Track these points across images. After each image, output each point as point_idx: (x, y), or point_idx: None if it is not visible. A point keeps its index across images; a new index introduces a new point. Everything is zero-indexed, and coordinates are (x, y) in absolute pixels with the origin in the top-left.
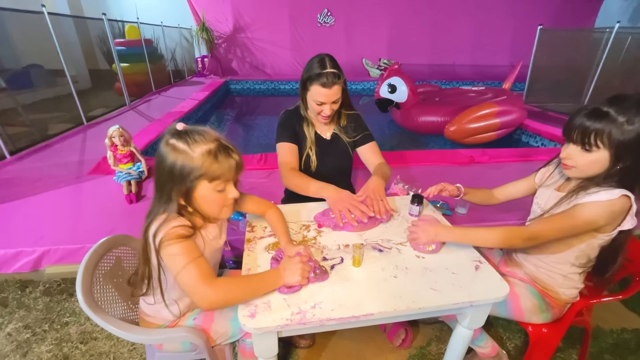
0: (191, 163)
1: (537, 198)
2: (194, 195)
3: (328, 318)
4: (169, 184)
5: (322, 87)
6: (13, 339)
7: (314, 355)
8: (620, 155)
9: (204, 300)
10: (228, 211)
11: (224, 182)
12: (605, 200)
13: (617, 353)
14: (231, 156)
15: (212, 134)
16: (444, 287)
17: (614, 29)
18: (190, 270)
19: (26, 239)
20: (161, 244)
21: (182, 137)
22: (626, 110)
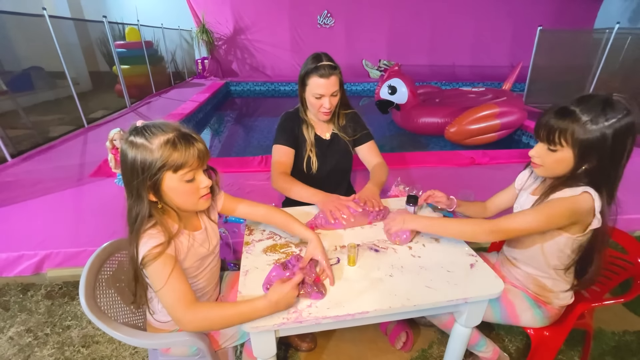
0: (151, 156)
1: (517, 202)
2: (163, 189)
3: (324, 316)
4: (134, 181)
5: (319, 77)
6: (15, 343)
7: (316, 357)
8: (584, 155)
9: (180, 324)
10: (205, 202)
11: (192, 171)
12: (568, 197)
13: (619, 355)
14: (192, 144)
15: (171, 125)
16: (439, 285)
17: (614, 30)
18: (166, 293)
19: (28, 242)
20: (143, 266)
21: (140, 132)
22: (591, 110)
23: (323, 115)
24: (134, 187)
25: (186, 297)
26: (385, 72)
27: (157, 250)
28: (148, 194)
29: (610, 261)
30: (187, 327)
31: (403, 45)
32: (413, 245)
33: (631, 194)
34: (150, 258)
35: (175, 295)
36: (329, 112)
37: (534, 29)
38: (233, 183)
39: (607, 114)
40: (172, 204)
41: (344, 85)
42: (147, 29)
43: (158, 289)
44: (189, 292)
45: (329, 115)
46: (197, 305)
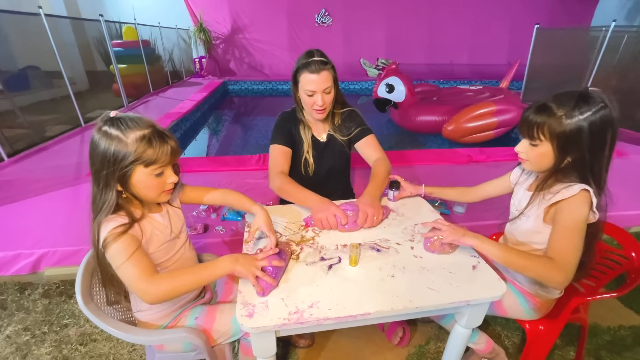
0: (125, 149)
1: (513, 198)
2: (131, 181)
3: (325, 317)
4: (104, 171)
5: (310, 73)
6: (12, 342)
7: (314, 354)
8: (563, 148)
9: (145, 296)
10: (166, 195)
11: (162, 167)
12: (569, 197)
13: (614, 350)
14: (166, 141)
15: (146, 121)
16: (441, 287)
17: (610, 28)
18: (128, 267)
19: (24, 241)
20: (105, 246)
21: (115, 123)
22: (566, 104)
23: (317, 114)
24: (102, 176)
25: (148, 270)
26: (383, 71)
27: (118, 230)
28: (115, 184)
29: (605, 256)
30: (153, 298)
31: (401, 43)
32: (415, 245)
33: (626, 191)
34: (111, 238)
35: (135, 270)
36: (322, 110)
37: (531, 27)
38: (231, 182)
39: (581, 108)
40: (137, 194)
41: (338, 82)
42: (144, 28)
43: (118, 265)
44: (150, 265)
45: (323, 113)
46: (159, 276)
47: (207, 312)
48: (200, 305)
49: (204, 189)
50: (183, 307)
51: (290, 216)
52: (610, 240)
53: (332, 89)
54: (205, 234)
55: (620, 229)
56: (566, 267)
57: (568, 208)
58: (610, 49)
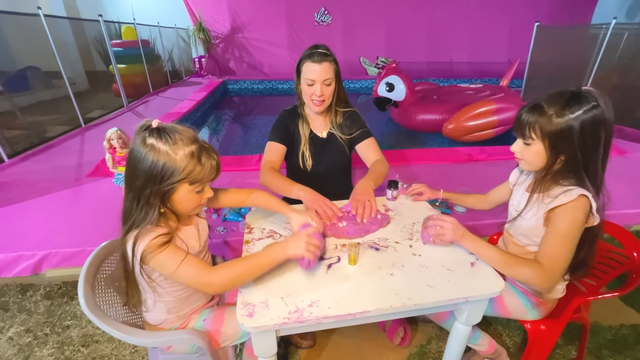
0: (174, 166)
1: (512, 199)
2: (173, 197)
3: (325, 316)
4: (148, 187)
5: (311, 63)
6: (15, 343)
7: (315, 354)
8: (555, 146)
9: (208, 288)
10: (200, 209)
11: (203, 184)
12: (567, 202)
13: (615, 349)
14: (212, 157)
15: (190, 133)
16: (440, 284)
17: (611, 25)
18: (184, 268)
19: (26, 242)
20: (144, 257)
21: (162, 136)
22: (556, 103)
23: (315, 106)
24: (145, 192)
25: (205, 266)
26: (383, 70)
27: (159, 240)
28: (157, 200)
29: (606, 255)
30: (219, 287)
31: (401, 42)
32: (413, 243)
33: (627, 189)
34: (152, 249)
35: (194, 268)
36: (320, 101)
37: (531, 25)
38: (231, 181)
39: (571, 107)
40: (175, 209)
41: (340, 78)
42: (143, 28)
43: (173, 270)
44: (204, 262)
45: (322, 105)
46: (217, 267)
47: (215, 314)
48: (208, 308)
49: (229, 191)
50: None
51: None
52: (612, 240)
53: (332, 82)
54: None
55: (622, 228)
56: (553, 273)
57: (564, 214)
58: (610, 46)
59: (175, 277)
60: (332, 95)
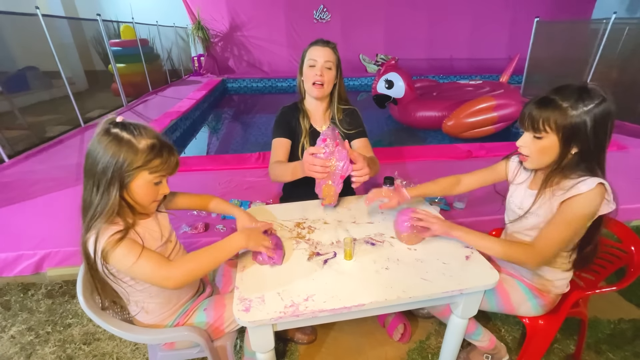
0: (135, 154)
1: (512, 197)
2: (131, 185)
3: (321, 309)
4: (109, 172)
5: (315, 46)
6: (17, 342)
7: (315, 350)
8: (568, 139)
9: (167, 281)
10: (154, 206)
11: (162, 177)
12: (586, 191)
13: (614, 343)
14: (173, 154)
15: (152, 130)
16: (435, 277)
17: (611, 20)
18: (141, 263)
19: (27, 242)
20: (105, 256)
21: (126, 127)
22: (569, 97)
23: (315, 89)
24: (105, 179)
25: (162, 259)
26: (382, 67)
27: (116, 237)
28: (116, 189)
29: (605, 250)
30: (177, 281)
31: (400, 39)
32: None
33: (627, 184)
34: (111, 245)
35: (150, 263)
36: (321, 83)
37: (530, 20)
38: (230, 180)
39: (584, 100)
40: (133, 199)
41: (341, 72)
42: (142, 27)
43: (130, 265)
44: (161, 256)
45: (321, 89)
46: (175, 261)
47: (216, 301)
48: (207, 299)
49: (186, 195)
50: (184, 305)
51: (286, 215)
52: (610, 235)
53: (333, 67)
54: (206, 232)
55: (620, 223)
56: (543, 254)
57: (580, 202)
58: (611, 41)
59: (133, 273)
60: (332, 82)
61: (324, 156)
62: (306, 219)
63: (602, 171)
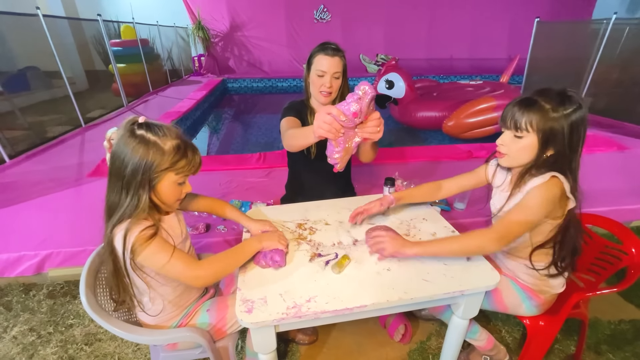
0: (162, 155)
1: (492, 199)
2: (157, 187)
3: (323, 311)
4: (138, 175)
5: (324, 55)
6: (19, 342)
7: (316, 351)
8: (547, 141)
9: (197, 281)
10: (178, 204)
11: (185, 177)
12: (540, 183)
13: (614, 344)
14: (196, 153)
15: (175, 130)
16: (436, 278)
17: (611, 20)
18: (174, 263)
19: (28, 242)
20: (134, 250)
21: (151, 129)
22: (551, 100)
23: (323, 97)
24: (135, 182)
25: (192, 260)
26: (383, 67)
27: (147, 233)
28: (145, 190)
29: (605, 251)
30: (206, 280)
31: (400, 39)
32: (410, 239)
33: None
34: (142, 241)
35: (182, 262)
36: (328, 93)
37: (531, 20)
38: (231, 180)
39: (565, 105)
40: (159, 199)
41: (347, 75)
42: (142, 27)
43: (163, 264)
44: (190, 256)
45: (329, 97)
46: (204, 261)
47: (218, 302)
48: (209, 300)
49: (204, 198)
50: (188, 306)
51: (287, 216)
52: (610, 236)
53: (340, 76)
54: (207, 233)
55: (620, 224)
56: (500, 232)
57: (533, 191)
58: (611, 41)
59: (165, 271)
60: (338, 88)
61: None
62: (307, 220)
63: (573, 174)
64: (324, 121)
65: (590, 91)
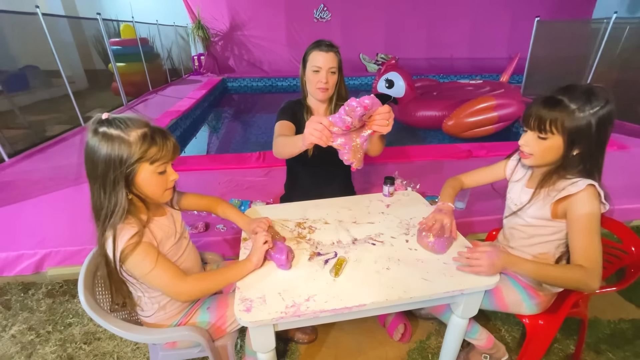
0: (129, 148)
1: (510, 193)
2: (136, 180)
3: (322, 310)
4: (110, 174)
5: (319, 51)
6: (17, 341)
7: (315, 350)
8: (573, 142)
9: (180, 296)
10: (169, 194)
11: (164, 164)
12: (575, 192)
13: (614, 343)
14: (167, 138)
15: (141, 120)
16: (435, 277)
17: (612, 20)
18: (157, 273)
19: (27, 241)
20: (122, 258)
21: (113, 123)
22: (577, 99)
23: (320, 92)
24: (109, 180)
25: (178, 272)
26: (383, 66)
27: (134, 241)
28: (122, 186)
29: (605, 251)
30: (190, 297)
31: (400, 38)
32: (409, 238)
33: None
34: (129, 250)
35: (167, 274)
36: (325, 88)
37: (531, 19)
38: (231, 179)
39: (592, 102)
40: (143, 193)
41: (342, 72)
42: (142, 26)
43: (147, 272)
44: (178, 268)
45: (326, 93)
46: (190, 277)
47: (219, 300)
48: (209, 298)
49: (198, 196)
50: (189, 305)
51: (286, 215)
52: (610, 235)
53: (336, 71)
54: (206, 232)
55: (620, 223)
56: (596, 269)
57: (581, 206)
58: (611, 41)
59: (148, 280)
60: (335, 85)
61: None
62: (307, 219)
63: (599, 173)
64: (314, 129)
65: None
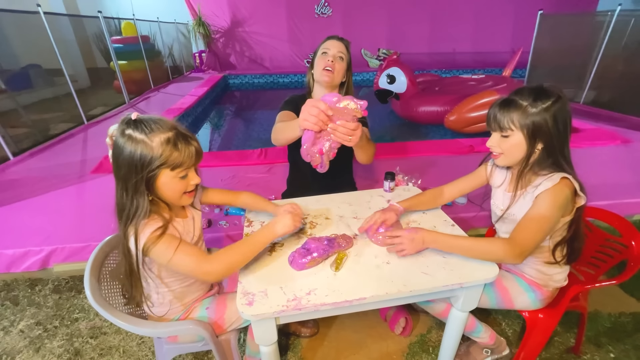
0: (151, 153)
1: (493, 199)
2: (156, 184)
3: (322, 303)
4: (132, 176)
5: (331, 39)
6: (26, 336)
7: (317, 344)
8: (534, 136)
9: (209, 275)
10: (189, 198)
11: (186, 170)
12: (551, 186)
13: (614, 336)
14: (191, 143)
15: (168, 122)
16: (435, 271)
17: (616, 12)
18: (180, 257)
19: (33, 238)
20: (145, 250)
21: (138, 126)
22: (527, 97)
23: (325, 74)
24: (131, 184)
25: (201, 254)
26: (384, 62)
27: (157, 233)
28: (144, 188)
29: (605, 244)
30: (218, 274)
31: (402, 33)
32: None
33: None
34: (152, 241)
35: (191, 257)
36: (331, 71)
37: (534, 13)
38: (233, 176)
39: (541, 99)
40: (161, 197)
41: (351, 70)
42: (143, 24)
43: (169, 259)
44: (200, 250)
45: (331, 75)
46: (213, 255)
47: (218, 301)
48: (210, 297)
49: (223, 191)
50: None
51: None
52: (611, 229)
53: (344, 60)
54: (208, 228)
55: (620, 217)
56: (523, 249)
57: (545, 197)
58: (615, 33)
59: (172, 266)
60: (341, 72)
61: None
62: (308, 214)
63: (568, 164)
64: (309, 113)
65: (594, 84)
